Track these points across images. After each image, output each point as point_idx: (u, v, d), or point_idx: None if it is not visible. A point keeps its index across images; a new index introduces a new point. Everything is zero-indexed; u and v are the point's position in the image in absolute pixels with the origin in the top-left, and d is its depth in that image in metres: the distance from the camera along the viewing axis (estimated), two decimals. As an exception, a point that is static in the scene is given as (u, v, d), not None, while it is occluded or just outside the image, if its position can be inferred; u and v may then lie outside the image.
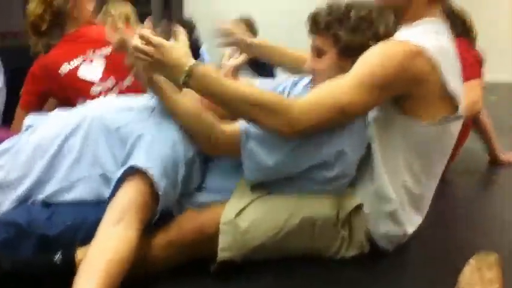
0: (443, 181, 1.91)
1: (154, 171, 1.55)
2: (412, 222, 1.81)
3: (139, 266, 1.52)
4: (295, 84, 1.98)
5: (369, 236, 1.79)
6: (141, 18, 2.98)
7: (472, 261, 1.56)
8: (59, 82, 2.52)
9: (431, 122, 1.68)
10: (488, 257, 1.55)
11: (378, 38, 1.70)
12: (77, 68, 2.53)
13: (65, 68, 2.52)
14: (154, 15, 9.97)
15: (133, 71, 1.70)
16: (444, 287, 1.56)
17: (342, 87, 1.58)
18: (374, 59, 1.61)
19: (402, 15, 1.76)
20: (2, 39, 9.01)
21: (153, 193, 1.54)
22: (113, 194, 1.54)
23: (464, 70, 1.80)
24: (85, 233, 1.55)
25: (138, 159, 1.56)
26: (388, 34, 1.72)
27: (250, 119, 1.62)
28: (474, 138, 3.23)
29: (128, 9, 4.00)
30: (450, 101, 1.67)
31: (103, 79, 2.55)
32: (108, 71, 2.56)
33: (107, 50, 2.57)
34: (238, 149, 1.68)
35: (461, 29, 2.79)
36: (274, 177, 1.70)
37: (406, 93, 1.63)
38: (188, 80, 1.56)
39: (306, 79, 1.94)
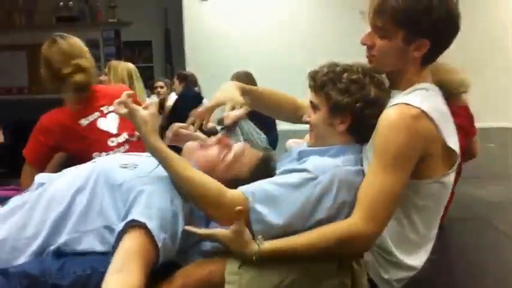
0: (441, 227, 1.95)
1: (153, 224, 1.61)
2: (412, 268, 1.85)
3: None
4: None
5: (371, 282, 1.82)
6: (144, 74, 3.10)
7: None
8: (79, 133, 2.63)
9: (434, 180, 1.75)
10: None
11: (368, 100, 1.80)
12: (95, 121, 2.67)
13: (84, 121, 2.66)
14: (156, 70, 10.19)
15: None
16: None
17: (383, 182, 1.64)
18: (386, 137, 1.67)
19: (395, 82, 1.84)
20: (6, 94, 9.13)
21: (153, 245, 1.60)
22: (115, 245, 1.60)
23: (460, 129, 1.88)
24: (95, 282, 1.60)
25: (137, 213, 1.63)
26: (379, 98, 1.81)
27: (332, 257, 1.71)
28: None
29: (130, 66, 4.15)
30: (449, 156, 1.74)
31: (118, 134, 2.70)
32: (121, 127, 2.71)
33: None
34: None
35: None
36: (283, 235, 1.72)
37: (421, 156, 1.69)
38: (259, 258, 1.66)
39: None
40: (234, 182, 1.82)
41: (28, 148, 2.67)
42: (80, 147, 2.64)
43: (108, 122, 2.73)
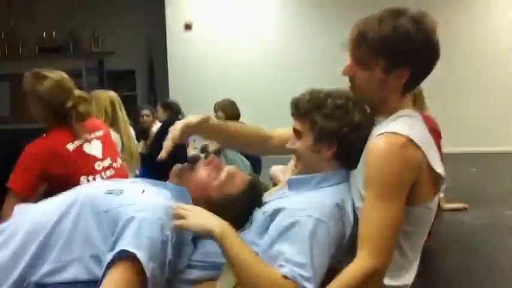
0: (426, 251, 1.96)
1: (142, 254, 1.58)
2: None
3: None
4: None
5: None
6: (128, 103, 3.13)
7: None
8: (66, 158, 2.67)
9: (423, 205, 1.75)
10: None
11: (353, 125, 1.82)
12: (81, 145, 2.75)
13: (71, 146, 2.72)
14: (140, 99, 10.20)
15: None
16: None
17: (382, 214, 1.63)
18: (378, 167, 1.66)
19: (378, 108, 1.85)
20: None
21: (141, 276, 1.57)
22: (103, 276, 1.57)
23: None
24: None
25: (127, 243, 1.60)
26: (364, 122, 1.83)
27: None
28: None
29: (112, 95, 4.16)
30: (436, 181, 1.75)
31: (103, 158, 2.80)
32: (105, 151, 2.82)
33: (100, 133, 2.86)
34: None
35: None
36: None
37: (412, 182, 1.68)
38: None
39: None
40: (225, 202, 1.86)
41: (15, 178, 2.65)
42: (68, 172, 2.66)
43: (93, 147, 2.81)
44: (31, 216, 1.83)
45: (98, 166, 2.76)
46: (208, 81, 9.09)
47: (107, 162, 2.81)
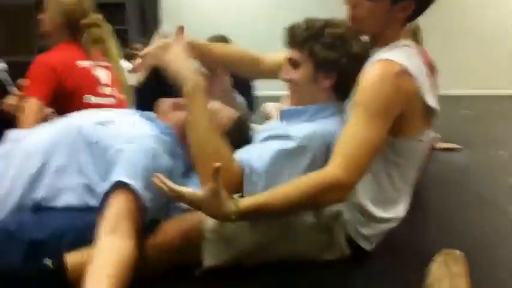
0: (419, 187, 1.98)
1: (138, 184, 1.60)
2: (390, 219, 1.86)
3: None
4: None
5: (349, 238, 1.84)
6: (118, 36, 3.09)
7: (438, 258, 1.62)
8: (76, 71, 2.68)
9: (413, 137, 1.75)
10: (453, 253, 1.62)
11: (351, 55, 1.81)
12: (90, 67, 2.75)
13: (80, 62, 2.73)
14: (131, 31, 10.03)
15: None
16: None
17: (362, 132, 1.61)
18: (372, 89, 1.64)
19: (377, 39, 1.82)
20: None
21: (139, 204, 1.60)
22: (101, 205, 1.58)
23: None
24: (72, 237, 1.60)
25: (121, 174, 1.61)
26: (362, 53, 1.81)
27: (310, 209, 1.73)
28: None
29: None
30: (428, 114, 1.75)
31: (107, 85, 2.80)
32: (111, 81, 2.83)
33: (106, 63, 2.87)
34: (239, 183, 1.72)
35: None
36: None
37: (401, 112, 1.68)
38: (237, 216, 1.54)
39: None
40: None
41: (33, 87, 2.60)
42: (76, 85, 2.66)
43: (99, 73, 2.81)
44: (25, 143, 1.83)
45: (101, 90, 2.75)
46: (201, 14, 8.94)
47: (110, 90, 2.81)
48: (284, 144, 1.76)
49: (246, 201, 1.54)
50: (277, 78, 2.03)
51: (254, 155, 1.74)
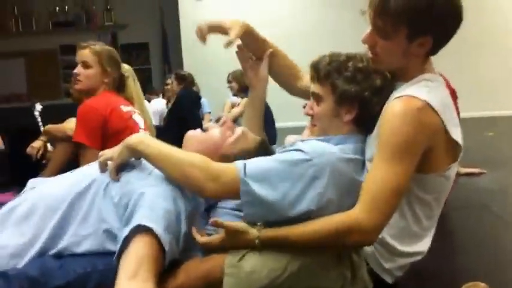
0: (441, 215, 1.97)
1: (159, 227, 1.60)
2: (413, 253, 1.84)
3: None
4: None
5: (372, 272, 1.82)
6: (142, 76, 3.20)
7: None
8: (121, 115, 2.93)
9: (439, 173, 1.73)
10: (479, 286, 1.60)
11: (373, 89, 1.80)
12: (131, 112, 3.02)
13: (124, 108, 2.98)
14: (154, 72, 10.21)
15: None
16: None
17: (386, 175, 1.61)
18: (396, 128, 1.63)
19: (398, 75, 1.81)
20: (5, 102, 9.14)
21: (160, 249, 1.59)
22: (121, 250, 1.58)
23: None
24: (95, 281, 1.63)
25: (143, 218, 1.61)
26: (385, 86, 1.81)
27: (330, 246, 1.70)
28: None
29: (126, 68, 4.15)
30: (453, 149, 1.73)
31: (144, 129, 3.03)
32: (144, 125, 3.07)
33: (136, 109, 3.14)
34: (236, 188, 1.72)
35: None
36: (270, 216, 1.72)
37: (426, 149, 1.66)
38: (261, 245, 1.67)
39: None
40: (242, 154, 1.87)
41: (80, 134, 2.83)
42: (120, 128, 2.86)
43: (137, 118, 3.05)
44: (47, 191, 1.86)
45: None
46: (222, 51, 9.04)
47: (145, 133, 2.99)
48: (290, 154, 1.76)
49: (269, 231, 1.64)
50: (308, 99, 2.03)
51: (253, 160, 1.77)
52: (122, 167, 1.82)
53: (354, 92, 1.80)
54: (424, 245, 1.85)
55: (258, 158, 1.77)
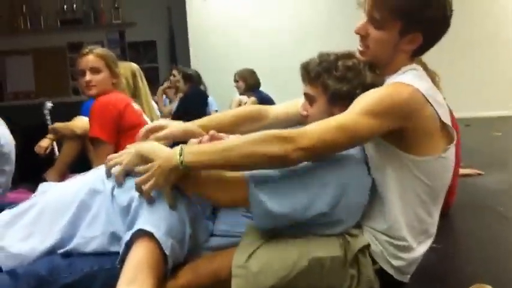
0: (446, 215, 1.97)
1: (160, 232, 1.61)
2: (422, 249, 1.85)
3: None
4: None
5: (378, 271, 1.83)
6: (149, 74, 3.26)
7: None
8: (133, 111, 3.03)
9: (436, 155, 1.75)
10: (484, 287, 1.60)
11: (364, 86, 1.82)
12: (141, 111, 3.13)
13: (135, 105, 3.09)
14: (162, 70, 10.21)
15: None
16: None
17: (344, 114, 1.65)
18: (372, 95, 1.69)
19: (385, 69, 1.86)
20: (14, 99, 9.19)
21: (161, 253, 1.61)
22: (123, 255, 1.61)
23: None
24: (102, 280, 1.65)
25: (143, 222, 1.63)
26: (374, 83, 1.82)
27: (256, 160, 1.63)
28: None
29: (133, 66, 4.17)
30: (447, 132, 1.76)
31: None
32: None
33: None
34: (245, 198, 1.72)
35: None
36: (282, 223, 1.74)
37: (407, 129, 1.69)
38: (184, 158, 1.61)
39: None
40: None
41: (96, 129, 2.88)
42: (133, 123, 2.94)
43: (145, 118, 3.16)
44: (58, 196, 1.88)
45: None
46: (229, 50, 9.04)
47: None
48: None
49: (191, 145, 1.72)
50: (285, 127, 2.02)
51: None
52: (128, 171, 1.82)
53: (345, 91, 1.84)
54: (429, 233, 1.86)
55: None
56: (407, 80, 1.71)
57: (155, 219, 1.63)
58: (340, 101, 1.85)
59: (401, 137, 1.71)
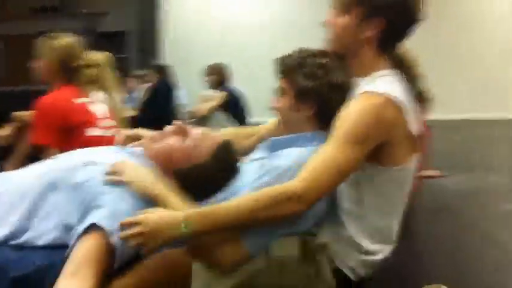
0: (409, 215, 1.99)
1: (110, 225, 1.57)
2: (380, 253, 1.86)
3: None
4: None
5: (336, 270, 1.83)
6: (119, 64, 3.24)
7: None
8: (75, 108, 2.93)
9: (400, 165, 1.76)
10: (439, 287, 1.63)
11: (332, 85, 1.83)
12: (84, 103, 3.01)
13: (77, 100, 2.99)
14: (130, 59, 10.12)
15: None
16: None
17: (331, 152, 1.65)
18: (351, 117, 1.68)
19: (354, 67, 1.86)
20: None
21: (110, 248, 1.58)
22: (74, 246, 1.57)
23: None
24: (54, 275, 1.57)
25: (95, 216, 1.60)
26: (344, 83, 1.84)
27: (263, 221, 1.65)
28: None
29: (102, 56, 4.09)
30: (412, 142, 1.77)
31: (106, 118, 3.06)
32: (110, 114, 3.10)
33: (103, 96, 3.15)
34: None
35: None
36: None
37: (383, 142, 1.70)
38: (188, 226, 1.57)
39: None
40: (195, 170, 1.79)
41: (39, 134, 2.84)
42: (80, 121, 2.89)
43: (97, 108, 3.06)
44: (9, 186, 1.82)
45: (101, 123, 2.98)
46: (201, 45, 9.01)
47: (110, 122, 3.04)
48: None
49: (195, 208, 1.65)
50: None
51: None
52: (89, 161, 1.80)
53: (310, 88, 1.84)
54: (388, 240, 1.88)
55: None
56: (379, 87, 1.71)
57: (108, 214, 1.60)
58: (305, 97, 1.85)
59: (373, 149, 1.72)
